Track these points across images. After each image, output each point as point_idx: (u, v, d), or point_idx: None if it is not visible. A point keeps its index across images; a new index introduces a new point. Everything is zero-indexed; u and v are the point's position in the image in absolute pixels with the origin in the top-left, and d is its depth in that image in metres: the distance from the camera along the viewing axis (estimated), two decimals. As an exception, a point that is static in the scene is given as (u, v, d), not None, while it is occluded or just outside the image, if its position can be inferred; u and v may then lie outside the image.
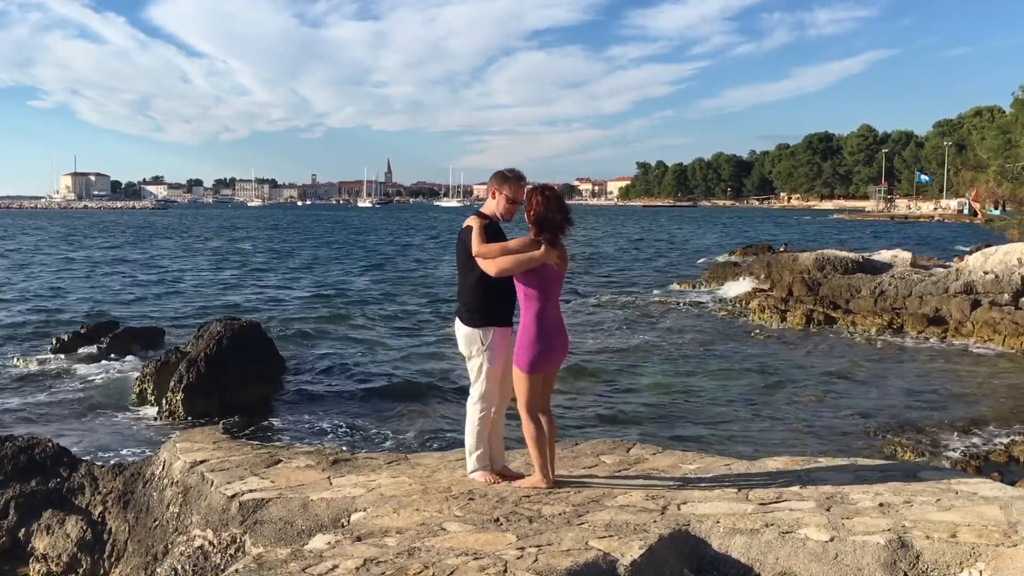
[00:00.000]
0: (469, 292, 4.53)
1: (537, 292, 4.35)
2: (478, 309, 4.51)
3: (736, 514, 3.92)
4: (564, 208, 4.37)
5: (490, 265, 4.34)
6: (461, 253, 4.54)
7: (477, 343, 4.53)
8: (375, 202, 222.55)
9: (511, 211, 4.55)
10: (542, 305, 4.35)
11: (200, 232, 70.44)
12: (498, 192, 4.55)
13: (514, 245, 4.34)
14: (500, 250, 4.34)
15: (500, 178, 4.56)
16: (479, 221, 4.49)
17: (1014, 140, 27.57)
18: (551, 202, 4.33)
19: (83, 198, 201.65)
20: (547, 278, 4.36)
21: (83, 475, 6.07)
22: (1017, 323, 16.65)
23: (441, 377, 13.76)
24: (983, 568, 3.28)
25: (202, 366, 11.44)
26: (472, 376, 4.64)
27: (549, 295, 4.39)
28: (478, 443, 4.70)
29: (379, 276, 32.25)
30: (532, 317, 4.34)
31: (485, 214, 4.58)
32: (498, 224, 4.58)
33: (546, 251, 4.29)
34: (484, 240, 4.39)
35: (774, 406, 11.85)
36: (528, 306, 4.37)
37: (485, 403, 4.63)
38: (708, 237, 62.67)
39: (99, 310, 21.41)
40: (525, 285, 4.35)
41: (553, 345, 4.38)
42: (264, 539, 4.35)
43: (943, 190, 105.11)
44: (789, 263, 25.96)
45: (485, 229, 4.45)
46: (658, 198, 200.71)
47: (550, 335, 4.36)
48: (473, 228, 4.46)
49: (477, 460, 4.73)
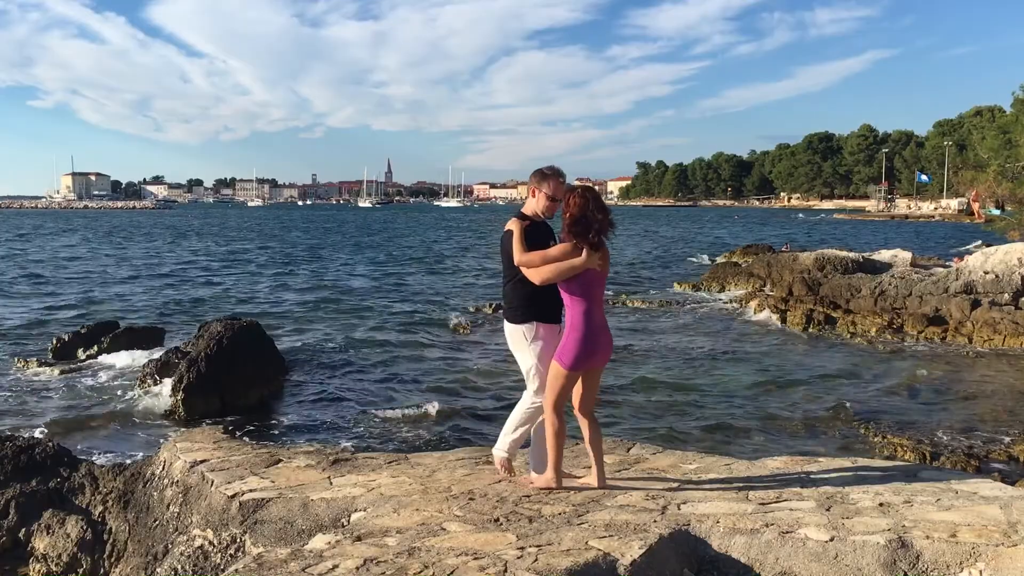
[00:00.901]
0: (514, 292, 4.53)
1: (581, 295, 4.33)
2: (523, 306, 4.50)
3: (736, 514, 3.92)
4: (604, 208, 4.32)
5: (533, 274, 4.34)
6: (504, 257, 4.53)
7: (522, 339, 4.50)
8: (375, 202, 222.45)
9: (552, 209, 4.52)
10: (587, 306, 4.34)
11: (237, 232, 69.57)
12: (538, 190, 4.52)
13: (556, 253, 4.32)
14: (542, 259, 4.32)
15: (539, 176, 4.53)
16: (519, 224, 4.46)
17: (1014, 140, 27.55)
18: (590, 202, 4.28)
19: (83, 198, 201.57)
20: (589, 281, 4.35)
21: (83, 475, 6.07)
22: (1017, 323, 16.65)
23: (442, 377, 13.77)
24: (983, 568, 3.28)
25: (202, 366, 11.43)
26: (524, 374, 4.59)
27: (593, 297, 4.38)
28: (516, 427, 4.67)
29: (392, 276, 32.26)
30: (579, 317, 4.33)
31: (526, 214, 4.56)
32: (540, 222, 4.55)
33: (587, 257, 4.27)
34: (525, 245, 4.37)
35: (774, 406, 11.85)
36: (573, 308, 4.35)
37: (540, 396, 4.55)
38: (709, 237, 62.66)
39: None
40: (568, 291, 4.34)
41: (598, 346, 4.36)
42: (264, 539, 4.35)
43: (943, 190, 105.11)
44: (789, 263, 25.94)
45: (527, 231, 4.43)
46: (658, 198, 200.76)
47: (596, 335, 4.34)
48: (514, 233, 4.43)
49: (508, 442, 4.70)
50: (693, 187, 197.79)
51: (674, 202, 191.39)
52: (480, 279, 31.13)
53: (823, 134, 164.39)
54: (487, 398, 12.36)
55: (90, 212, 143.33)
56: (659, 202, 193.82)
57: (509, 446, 4.70)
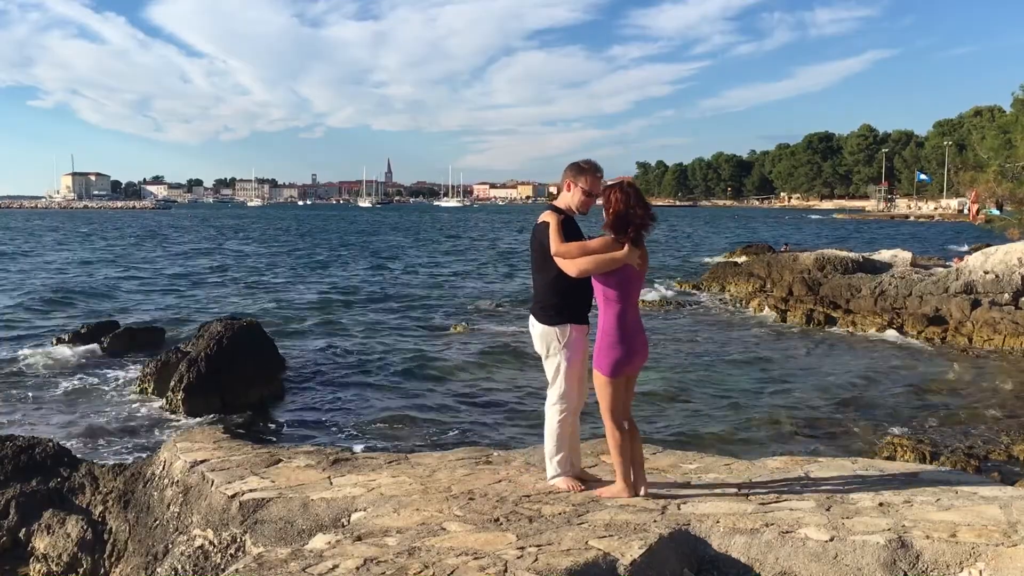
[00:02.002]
0: (545, 289, 4.34)
1: (617, 293, 4.16)
2: (554, 306, 4.31)
3: (736, 514, 3.92)
4: (646, 204, 4.18)
5: (570, 265, 4.15)
6: (536, 250, 4.35)
7: (554, 341, 4.31)
8: (375, 202, 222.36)
9: (587, 204, 4.37)
10: (623, 306, 4.17)
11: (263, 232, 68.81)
12: (574, 184, 4.35)
13: (595, 245, 4.15)
14: (580, 250, 4.15)
15: (576, 170, 4.36)
16: (556, 217, 4.28)
17: (1014, 140, 27.52)
18: (631, 198, 4.14)
19: (83, 198, 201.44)
20: (628, 279, 4.18)
21: (83, 475, 6.08)
22: (1017, 323, 16.65)
23: (444, 377, 13.77)
24: (983, 568, 3.28)
25: (202, 366, 11.44)
26: (550, 376, 4.40)
27: (629, 296, 4.21)
28: (559, 447, 4.42)
29: (389, 277, 32.27)
30: (613, 319, 4.16)
31: (560, 208, 4.38)
32: (573, 218, 4.40)
33: (628, 251, 4.11)
34: (562, 238, 4.20)
35: (774, 406, 11.85)
36: (607, 307, 4.18)
37: (565, 404, 4.37)
38: (709, 237, 62.65)
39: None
40: (604, 286, 4.17)
41: (635, 347, 4.20)
42: (264, 539, 4.35)
43: (943, 190, 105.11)
44: (789, 263, 25.95)
45: (562, 225, 4.26)
46: (658, 198, 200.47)
47: (631, 337, 4.18)
48: (551, 224, 4.25)
49: (558, 465, 4.45)
50: (693, 187, 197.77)
51: (674, 202, 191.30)
52: (481, 279, 31.14)
53: (823, 134, 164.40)
54: (487, 398, 12.36)
55: (90, 212, 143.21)
56: (659, 202, 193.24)
57: (560, 468, 4.47)
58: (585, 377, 4.39)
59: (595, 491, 4.37)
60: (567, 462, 4.47)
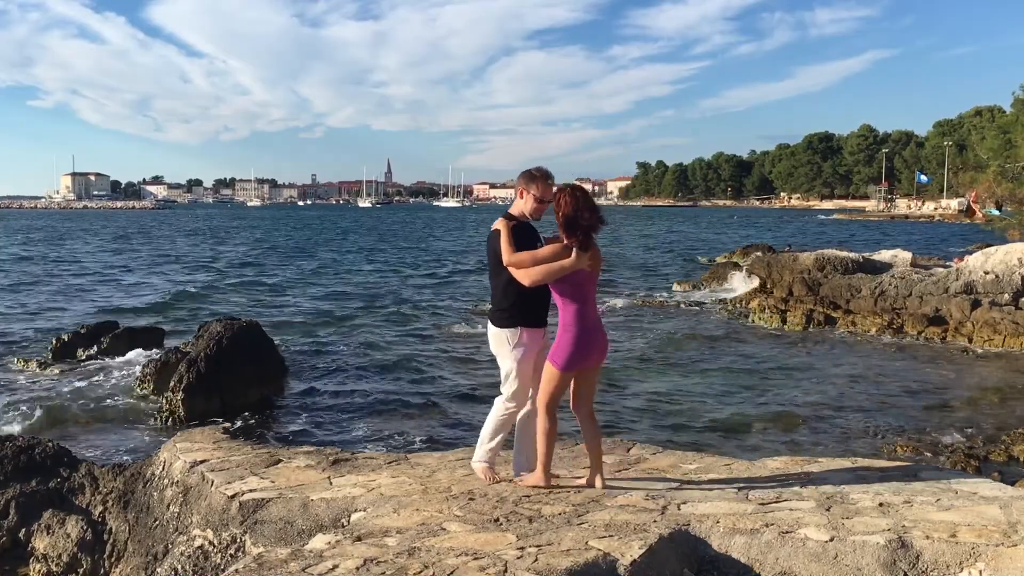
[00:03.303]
0: (500, 293, 4.48)
1: (571, 296, 4.31)
2: (507, 310, 4.45)
3: (736, 514, 3.92)
4: (594, 207, 4.29)
5: (522, 275, 4.28)
6: (491, 256, 4.47)
7: (505, 343, 4.47)
8: (375, 202, 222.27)
9: (539, 211, 4.47)
10: (580, 306, 4.32)
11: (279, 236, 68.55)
12: (526, 192, 4.47)
13: (545, 254, 4.27)
14: (531, 259, 4.27)
15: (528, 177, 4.48)
16: (507, 224, 4.40)
17: (1014, 140, 27.52)
18: (580, 202, 4.25)
19: (83, 198, 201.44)
20: (580, 281, 4.32)
21: (83, 475, 6.07)
22: (1017, 323, 16.64)
23: (443, 377, 13.77)
24: (983, 568, 3.28)
25: (202, 366, 11.43)
26: (503, 376, 4.57)
27: (585, 297, 4.35)
28: (492, 436, 4.66)
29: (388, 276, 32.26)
30: (572, 319, 4.30)
31: (513, 215, 4.51)
32: (528, 224, 4.50)
33: (577, 258, 4.23)
34: (513, 245, 4.31)
35: (774, 406, 11.84)
36: (565, 307, 4.33)
37: (513, 402, 4.56)
38: (709, 237, 62.65)
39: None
40: (559, 292, 4.32)
41: (592, 346, 4.34)
42: (264, 539, 4.35)
43: (943, 190, 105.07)
44: (789, 263, 25.92)
45: (514, 231, 4.37)
46: (658, 198, 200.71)
47: (589, 336, 4.32)
48: (502, 233, 4.37)
49: (486, 452, 4.69)
50: (693, 187, 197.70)
51: (674, 202, 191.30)
52: (481, 280, 31.15)
53: (823, 134, 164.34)
54: (488, 398, 12.33)
55: (91, 212, 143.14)
56: (659, 202, 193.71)
57: (488, 455, 4.69)
58: (537, 378, 4.48)
59: (515, 480, 4.60)
60: (495, 454, 4.71)
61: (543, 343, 4.51)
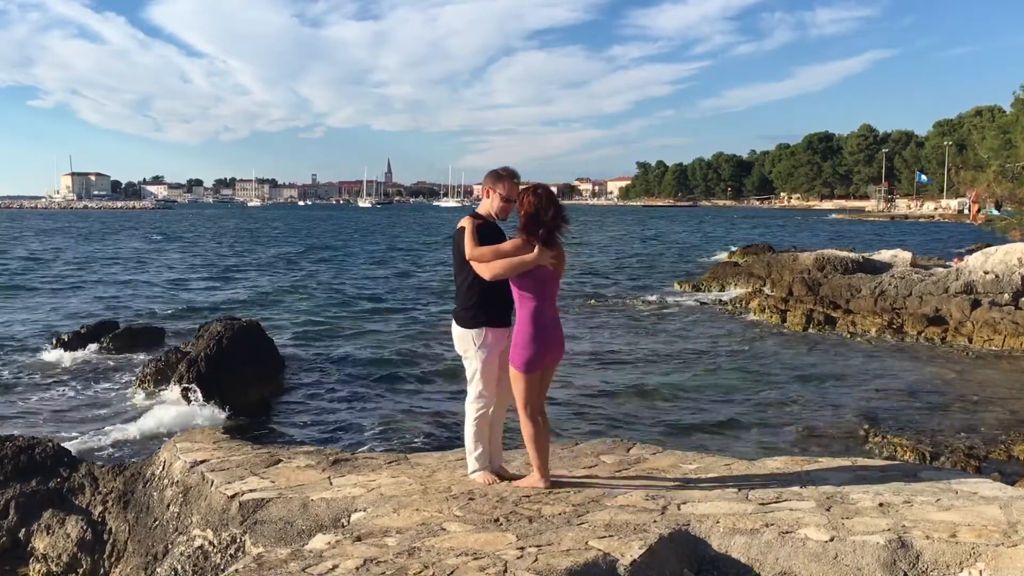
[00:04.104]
0: (464, 293, 4.51)
1: (531, 293, 4.32)
2: (472, 309, 4.48)
3: (736, 514, 3.92)
4: (558, 206, 4.31)
5: (484, 269, 4.31)
6: (456, 255, 4.51)
7: (470, 344, 4.51)
8: (375, 202, 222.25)
9: (506, 210, 4.51)
10: (538, 304, 4.32)
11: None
12: (492, 191, 4.51)
13: (507, 248, 4.29)
14: (493, 253, 4.29)
15: (494, 177, 4.51)
16: (472, 222, 4.44)
17: (1014, 140, 27.54)
18: (543, 200, 4.28)
19: (83, 198, 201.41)
20: (542, 279, 4.33)
21: (83, 475, 6.07)
22: (1017, 323, 16.64)
23: (442, 377, 13.76)
24: (983, 568, 3.28)
25: (202, 366, 11.43)
26: (468, 376, 4.62)
27: (545, 295, 4.36)
28: (476, 443, 4.68)
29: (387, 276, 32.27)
30: (528, 316, 4.31)
31: (480, 214, 4.54)
32: (494, 223, 4.53)
33: (539, 253, 4.25)
34: (477, 242, 4.35)
35: (774, 406, 11.84)
36: (523, 305, 4.34)
37: (481, 402, 4.61)
38: (710, 237, 62.66)
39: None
40: (519, 287, 4.33)
41: (549, 344, 4.35)
42: (264, 539, 4.35)
43: (943, 190, 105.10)
44: (789, 263, 25.96)
45: (479, 230, 4.40)
46: (658, 198, 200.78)
47: (546, 333, 4.33)
48: (466, 230, 4.41)
49: (476, 460, 4.71)
50: (693, 187, 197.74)
51: (674, 202, 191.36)
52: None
53: (823, 134, 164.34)
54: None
55: (91, 212, 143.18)
56: (659, 202, 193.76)
57: (479, 463, 4.70)
58: (504, 377, 4.53)
59: (513, 483, 4.58)
60: (485, 458, 4.72)
61: (507, 342, 4.51)
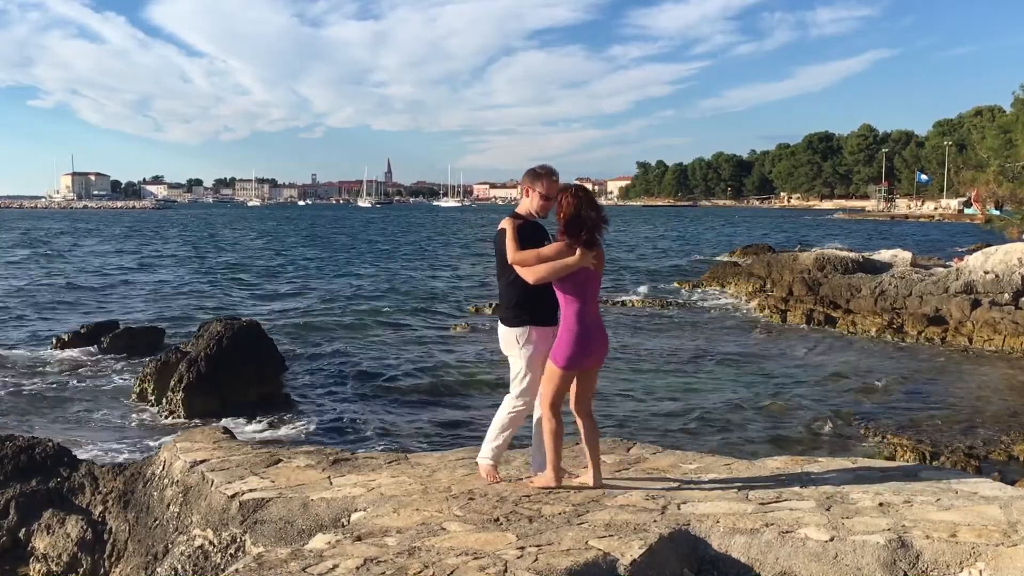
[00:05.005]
0: (507, 293, 4.50)
1: (574, 294, 4.32)
2: (515, 308, 4.46)
3: (736, 514, 3.92)
4: (597, 207, 4.31)
5: (527, 273, 4.30)
6: (498, 256, 4.49)
7: (515, 343, 4.46)
8: (375, 202, 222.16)
9: (545, 208, 4.48)
10: (581, 305, 4.32)
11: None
12: (531, 190, 4.48)
13: (550, 252, 4.28)
14: (536, 257, 4.28)
15: (532, 175, 4.49)
16: (513, 223, 4.41)
17: (1014, 140, 27.53)
18: (583, 202, 4.27)
19: (83, 198, 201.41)
20: (583, 280, 4.33)
21: (83, 475, 6.07)
22: (1017, 323, 16.64)
23: (442, 377, 13.77)
24: (983, 568, 3.28)
25: (202, 366, 11.43)
26: (512, 375, 4.55)
27: (587, 296, 4.36)
28: (499, 433, 4.62)
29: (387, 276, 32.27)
30: (573, 316, 4.31)
31: (519, 214, 4.52)
32: (534, 222, 4.51)
33: (581, 256, 4.24)
34: (518, 244, 4.33)
35: (774, 406, 11.84)
36: (567, 306, 4.34)
37: (521, 400, 4.54)
38: (709, 237, 62.67)
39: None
40: (562, 290, 4.33)
41: (592, 345, 4.35)
42: (264, 539, 4.35)
43: (943, 190, 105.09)
44: (789, 263, 25.96)
45: (520, 230, 4.38)
46: (658, 198, 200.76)
47: (590, 334, 4.33)
48: (507, 231, 4.38)
49: (492, 450, 4.66)
50: (693, 187, 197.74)
51: (674, 202, 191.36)
52: (482, 279, 31.14)
53: (823, 134, 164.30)
54: (488, 398, 12.35)
55: (91, 212, 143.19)
56: (659, 202, 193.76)
57: (493, 453, 4.67)
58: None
59: (526, 480, 4.59)
60: (500, 453, 4.71)
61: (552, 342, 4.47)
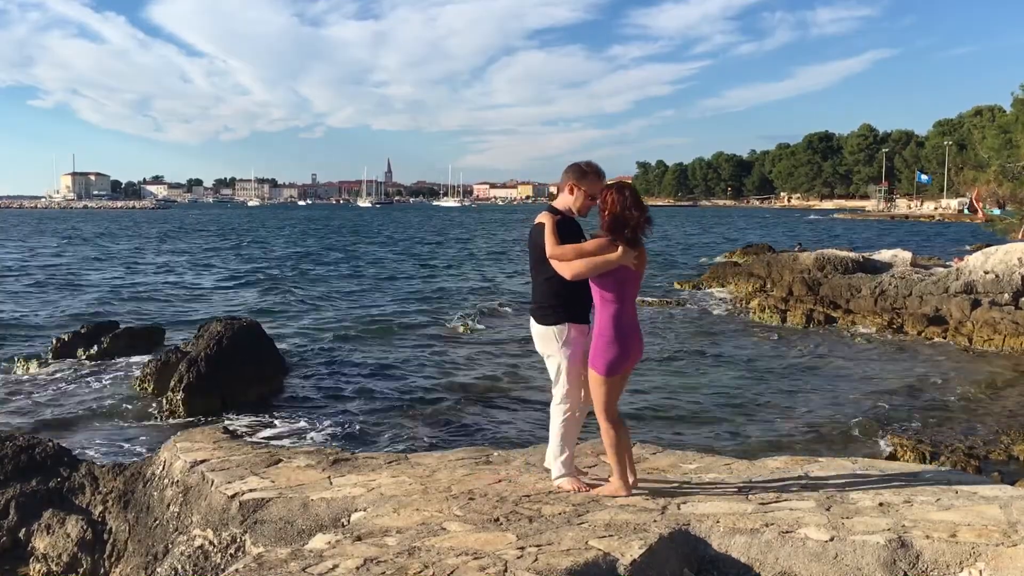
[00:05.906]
0: (543, 290, 4.35)
1: (613, 294, 4.17)
2: (552, 306, 4.33)
3: (736, 514, 3.92)
4: (642, 206, 4.18)
5: (565, 268, 4.16)
6: (533, 251, 4.36)
7: (553, 341, 4.32)
8: (375, 202, 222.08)
9: (589, 207, 4.37)
10: (619, 306, 4.18)
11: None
12: (576, 187, 4.34)
13: (590, 247, 4.15)
14: (575, 252, 4.15)
15: (578, 172, 4.35)
16: (552, 218, 4.28)
17: (1014, 139, 27.55)
18: (628, 200, 4.15)
19: (83, 198, 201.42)
20: (623, 279, 4.19)
21: (83, 475, 6.07)
22: (1017, 323, 16.64)
23: (443, 377, 13.76)
24: (983, 568, 3.28)
25: (202, 366, 11.43)
26: (553, 376, 4.41)
27: (625, 296, 4.22)
28: (563, 447, 4.43)
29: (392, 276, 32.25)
30: (608, 319, 4.17)
31: (558, 209, 4.39)
32: (572, 219, 4.39)
33: (623, 253, 4.11)
34: (558, 240, 4.21)
35: (774, 406, 11.85)
36: (604, 307, 4.20)
37: (567, 403, 4.38)
38: (709, 237, 62.64)
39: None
40: (600, 287, 4.19)
41: (630, 346, 4.21)
42: (264, 539, 4.35)
43: (943, 190, 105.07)
44: (789, 263, 25.95)
45: (559, 226, 4.25)
46: (658, 198, 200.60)
47: (627, 336, 4.19)
48: (547, 226, 4.25)
49: (563, 465, 4.46)
50: (693, 187, 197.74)
51: (674, 202, 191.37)
52: (482, 279, 31.14)
53: (823, 134, 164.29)
54: (488, 398, 12.35)
55: (91, 212, 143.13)
56: (659, 202, 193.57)
57: (565, 468, 4.47)
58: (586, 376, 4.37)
59: (594, 490, 4.40)
60: (571, 462, 4.48)
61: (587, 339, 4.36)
